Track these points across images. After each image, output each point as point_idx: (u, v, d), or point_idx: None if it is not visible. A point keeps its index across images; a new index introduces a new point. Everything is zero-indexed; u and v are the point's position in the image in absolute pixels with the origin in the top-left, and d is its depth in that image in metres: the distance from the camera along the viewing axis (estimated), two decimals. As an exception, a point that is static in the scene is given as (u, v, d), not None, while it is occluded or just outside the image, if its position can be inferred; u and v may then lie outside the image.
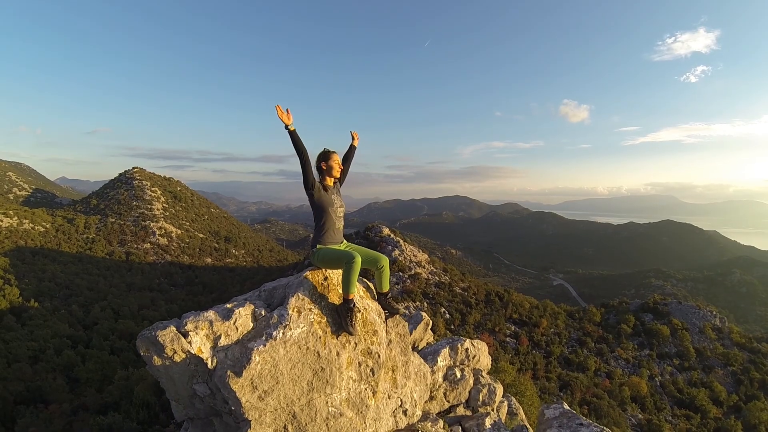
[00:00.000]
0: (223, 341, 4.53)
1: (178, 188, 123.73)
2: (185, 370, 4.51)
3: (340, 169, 5.60)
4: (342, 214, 5.58)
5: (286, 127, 4.89)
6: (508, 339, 48.84)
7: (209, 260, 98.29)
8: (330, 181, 5.54)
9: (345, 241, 5.65)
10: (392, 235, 69.20)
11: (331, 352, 4.98)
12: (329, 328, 5.07)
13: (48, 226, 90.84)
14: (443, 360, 8.07)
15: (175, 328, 4.43)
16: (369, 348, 5.42)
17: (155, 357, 4.42)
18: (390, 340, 5.97)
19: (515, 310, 55.75)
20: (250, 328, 4.73)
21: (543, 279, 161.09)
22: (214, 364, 4.47)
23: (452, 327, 49.05)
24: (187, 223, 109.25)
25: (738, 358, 46.14)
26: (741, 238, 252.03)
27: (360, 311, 5.37)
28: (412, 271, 59.59)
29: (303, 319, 4.84)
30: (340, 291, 5.30)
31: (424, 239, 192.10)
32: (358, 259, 4.89)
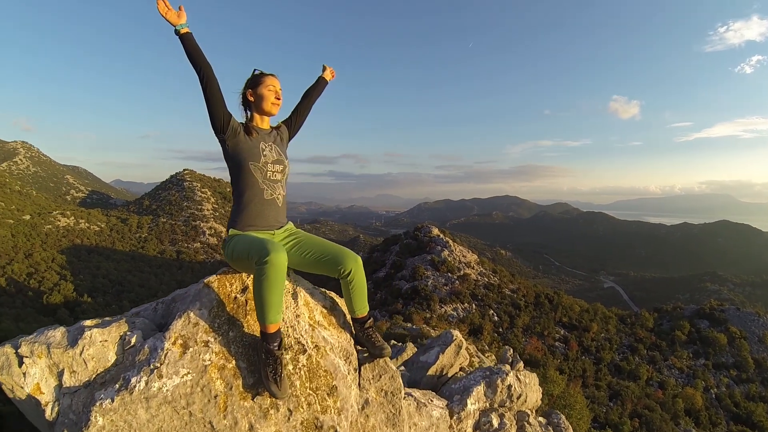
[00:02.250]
0: (68, 380, 2.75)
1: (228, 189, 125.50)
2: (35, 411, 2.81)
3: (279, 102, 3.50)
4: (280, 177, 3.42)
5: (176, 30, 3.03)
6: (557, 343, 48.28)
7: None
8: (262, 121, 3.53)
9: (290, 224, 3.60)
10: (441, 236, 69.05)
11: (237, 424, 2.79)
12: (240, 380, 2.93)
13: (103, 225, 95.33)
14: (475, 402, 5.59)
15: (12, 350, 2.74)
16: (318, 419, 3.04)
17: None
18: (366, 402, 3.57)
19: (565, 313, 55.03)
20: (109, 364, 2.85)
21: (593, 281, 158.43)
22: (53, 415, 2.71)
23: (500, 330, 48.77)
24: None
25: (801, 371, 44.31)
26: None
27: (303, 352, 3.17)
28: (461, 272, 59.39)
29: (190, 361, 2.83)
30: None
31: (473, 240, 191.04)
32: (278, 259, 2.78)
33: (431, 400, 4.99)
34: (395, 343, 12.42)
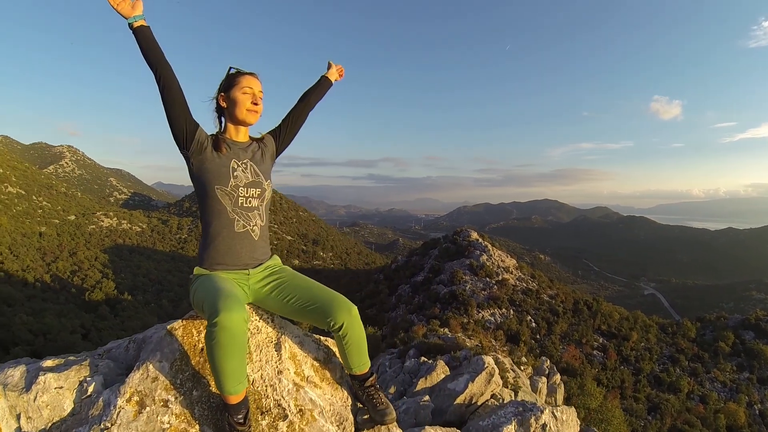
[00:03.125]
0: (24, 425, 2.38)
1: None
2: None
3: (257, 109, 2.75)
4: (257, 203, 2.75)
5: (129, 24, 2.46)
6: (595, 352, 47.87)
7: (297, 262, 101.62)
8: (237, 133, 2.81)
9: (273, 260, 2.93)
10: (480, 240, 68.97)
11: None
12: None
13: (144, 226, 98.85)
14: None
15: None
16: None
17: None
18: None
19: (604, 320, 54.47)
20: (65, 414, 2.46)
21: (633, 288, 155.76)
22: None
23: (538, 336, 48.61)
24: (276, 226, 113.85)
25: None
26: None
27: (284, 418, 2.53)
28: (500, 277, 59.26)
29: (146, 423, 2.33)
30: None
31: (512, 244, 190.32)
32: (231, 321, 2.16)
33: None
34: (425, 360, 12.15)
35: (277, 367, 2.72)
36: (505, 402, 5.21)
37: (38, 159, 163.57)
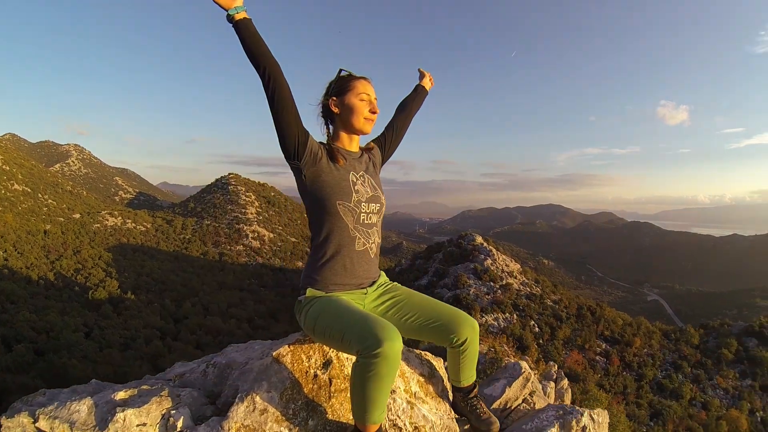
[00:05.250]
0: None
1: (272, 194, 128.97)
2: None
3: (374, 117, 2.56)
4: (376, 219, 2.56)
5: (229, 16, 2.14)
6: (598, 357, 47.83)
7: (300, 264, 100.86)
8: (350, 142, 2.60)
9: (383, 276, 2.77)
10: (485, 244, 68.90)
11: None
12: None
13: (148, 226, 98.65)
14: None
15: (29, 420, 2.13)
16: None
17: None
18: None
19: (607, 326, 54.41)
20: None
21: (637, 294, 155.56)
22: None
23: (541, 341, 48.52)
24: (280, 227, 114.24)
25: None
26: None
27: None
28: (504, 282, 59.24)
29: None
30: None
31: (516, 248, 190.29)
32: (394, 350, 1.99)
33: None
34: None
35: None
36: (535, 406, 5.08)
37: (45, 157, 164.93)
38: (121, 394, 2.27)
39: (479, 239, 70.77)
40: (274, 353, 2.43)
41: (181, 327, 51.31)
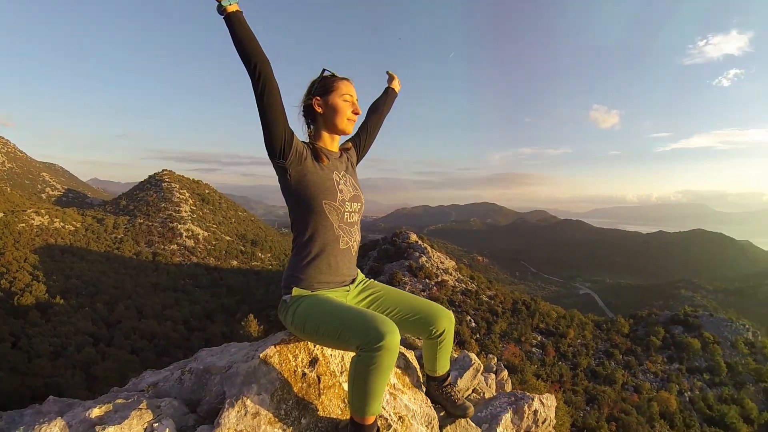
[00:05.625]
0: None
1: (206, 191, 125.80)
2: None
3: (356, 118, 2.60)
4: (357, 218, 2.62)
5: (220, 6, 2.06)
6: (534, 349, 48.49)
7: (235, 263, 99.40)
8: (332, 142, 2.62)
9: (359, 274, 2.75)
10: (420, 242, 69.06)
11: None
12: None
13: (78, 225, 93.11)
14: (504, 430, 4.47)
15: None
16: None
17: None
18: None
19: (542, 319, 55.33)
20: None
21: (569, 288, 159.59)
22: None
23: (478, 336, 48.85)
24: (214, 226, 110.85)
25: (771, 374, 45.14)
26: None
27: (388, 428, 2.52)
28: (439, 278, 59.44)
29: None
30: (347, 390, 2.37)
31: (451, 246, 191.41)
32: (395, 342, 2.06)
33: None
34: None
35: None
36: (485, 395, 5.16)
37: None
38: (96, 411, 2.13)
39: (414, 237, 70.95)
40: (261, 354, 2.40)
41: (115, 332, 48.84)
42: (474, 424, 3.25)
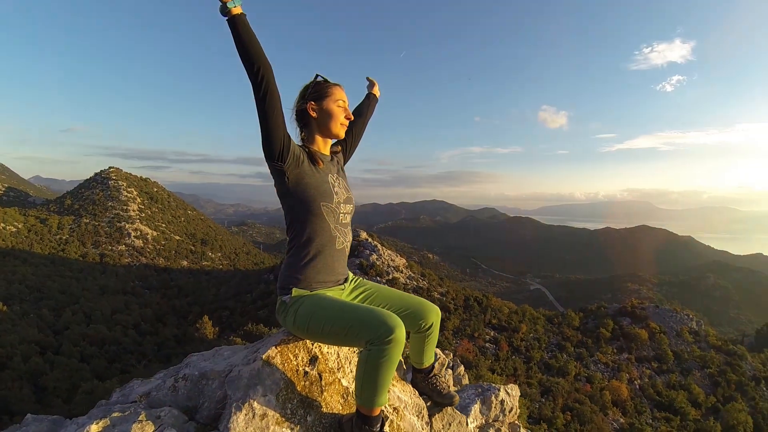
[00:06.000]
0: None
1: (155, 189, 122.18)
2: None
3: (348, 122, 2.67)
4: (349, 219, 2.67)
5: (224, 8, 2.02)
6: (487, 345, 48.57)
7: (185, 263, 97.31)
8: (324, 146, 2.68)
9: (351, 275, 2.85)
10: (370, 240, 68.59)
11: None
12: None
13: (20, 226, 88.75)
14: (474, 420, 4.62)
15: None
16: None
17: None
18: None
19: (494, 315, 55.48)
20: None
21: (520, 283, 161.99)
22: None
23: (431, 332, 48.72)
24: (163, 225, 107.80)
25: (715, 361, 46.66)
26: (715, 243, 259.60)
27: (385, 419, 2.58)
28: (390, 276, 59.13)
29: None
30: (345, 385, 2.67)
31: (401, 243, 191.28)
32: (402, 334, 2.18)
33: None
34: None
35: (366, 375, 2.82)
36: (450, 389, 5.30)
37: None
38: (94, 428, 2.06)
39: (364, 234, 70.47)
40: (263, 356, 2.43)
41: (63, 339, 46.27)
42: (459, 412, 3.43)
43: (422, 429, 2.94)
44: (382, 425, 2.37)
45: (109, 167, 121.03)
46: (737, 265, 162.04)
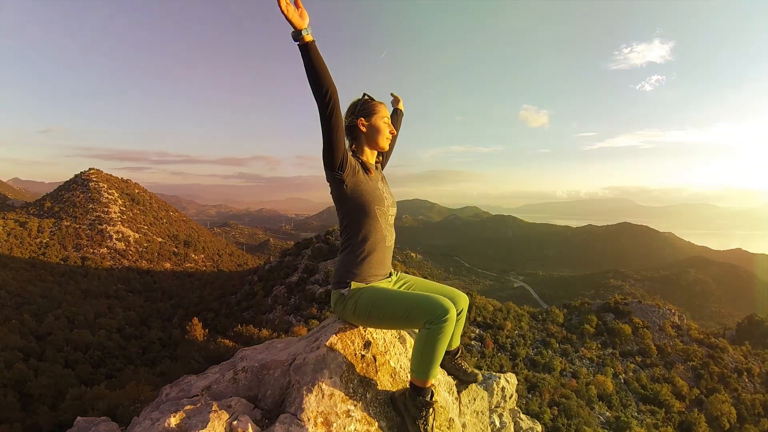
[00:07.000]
0: None
1: (136, 191, 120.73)
2: None
3: (391, 136, 3.01)
4: (393, 220, 3.04)
5: (297, 35, 2.23)
6: (473, 342, 48.75)
7: (168, 265, 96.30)
8: (372, 157, 3.01)
9: (392, 270, 3.15)
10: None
11: None
12: None
13: None
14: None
15: None
16: (449, 454, 3.06)
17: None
18: (464, 425, 3.60)
19: (479, 313, 55.66)
20: None
21: (503, 281, 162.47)
22: None
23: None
24: (145, 227, 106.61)
25: (697, 354, 47.25)
26: (695, 239, 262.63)
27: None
28: (375, 275, 59.23)
29: None
30: (393, 366, 3.02)
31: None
32: (455, 312, 2.51)
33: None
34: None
35: (407, 355, 3.21)
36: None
37: None
38: (173, 420, 2.31)
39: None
40: (326, 343, 2.78)
41: (46, 345, 45.54)
42: (482, 389, 4.08)
43: (453, 403, 3.41)
44: (432, 395, 2.67)
45: (90, 168, 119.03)
46: (717, 260, 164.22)
